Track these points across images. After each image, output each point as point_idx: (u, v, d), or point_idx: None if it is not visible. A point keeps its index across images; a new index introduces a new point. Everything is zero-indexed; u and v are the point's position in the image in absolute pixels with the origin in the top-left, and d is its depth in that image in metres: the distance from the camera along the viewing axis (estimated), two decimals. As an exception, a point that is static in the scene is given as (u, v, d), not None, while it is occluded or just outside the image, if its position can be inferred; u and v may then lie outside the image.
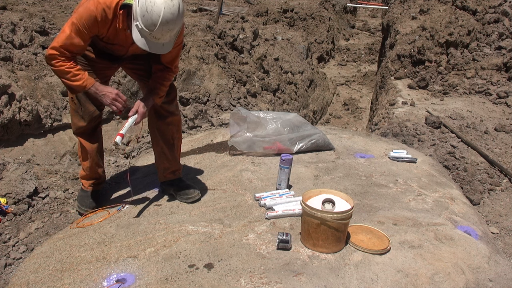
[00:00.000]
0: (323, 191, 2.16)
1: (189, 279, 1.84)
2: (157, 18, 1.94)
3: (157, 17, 1.94)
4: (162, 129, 2.51)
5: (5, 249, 2.36)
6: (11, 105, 3.26)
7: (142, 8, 1.95)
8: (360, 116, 7.58)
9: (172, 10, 1.96)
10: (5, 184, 2.73)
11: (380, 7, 13.81)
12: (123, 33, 2.18)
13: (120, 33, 2.18)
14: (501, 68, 5.11)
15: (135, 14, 1.99)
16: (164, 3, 1.94)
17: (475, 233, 2.30)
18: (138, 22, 1.98)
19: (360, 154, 3.31)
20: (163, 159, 2.58)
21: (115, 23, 2.12)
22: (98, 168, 2.64)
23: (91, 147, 2.54)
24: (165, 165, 2.59)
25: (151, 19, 1.95)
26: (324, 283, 1.82)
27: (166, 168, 2.59)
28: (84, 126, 2.48)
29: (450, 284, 1.86)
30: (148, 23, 1.96)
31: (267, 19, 9.28)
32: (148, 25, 1.97)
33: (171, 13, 1.96)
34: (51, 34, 4.65)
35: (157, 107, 2.43)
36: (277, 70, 6.52)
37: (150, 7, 1.93)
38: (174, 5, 1.97)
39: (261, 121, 3.14)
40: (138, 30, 2.01)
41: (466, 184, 3.49)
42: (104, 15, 2.06)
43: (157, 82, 2.36)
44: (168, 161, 2.58)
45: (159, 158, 2.60)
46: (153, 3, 1.93)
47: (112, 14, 2.08)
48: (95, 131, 2.57)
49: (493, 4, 5.94)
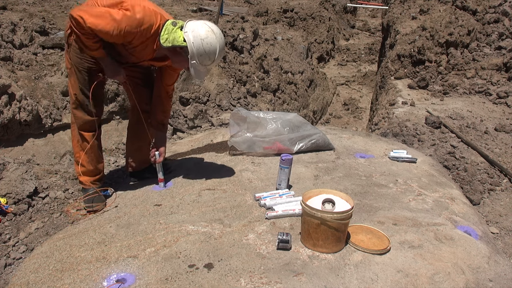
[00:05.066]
0: (323, 191, 2.15)
1: (189, 279, 1.84)
2: (213, 55, 2.28)
3: (213, 55, 2.28)
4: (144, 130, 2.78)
5: (5, 249, 2.36)
6: (11, 105, 3.26)
7: (199, 50, 2.24)
8: (360, 116, 7.58)
9: (222, 43, 2.30)
10: (5, 184, 2.73)
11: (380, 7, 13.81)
12: (150, 51, 2.37)
13: (147, 49, 2.37)
14: (501, 68, 5.11)
15: (193, 55, 2.26)
16: (217, 41, 2.26)
17: (475, 233, 2.30)
18: (196, 60, 2.28)
19: (360, 154, 3.31)
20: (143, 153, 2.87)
21: (151, 41, 2.31)
22: (99, 163, 2.70)
23: (95, 141, 2.63)
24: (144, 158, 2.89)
25: (209, 57, 2.28)
26: (324, 283, 1.82)
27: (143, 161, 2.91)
28: (91, 120, 2.58)
29: (450, 284, 1.86)
30: (205, 61, 2.29)
31: (267, 19, 9.28)
32: (205, 62, 2.30)
33: (223, 46, 2.31)
34: (51, 34, 4.65)
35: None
36: (277, 70, 6.52)
37: (208, 48, 2.24)
38: (222, 38, 2.30)
39: (261, 121, 3.14)
40: (194, 66, 2.30)
41: (466, 184, 3.49)
42: (146, 31, 2.24)
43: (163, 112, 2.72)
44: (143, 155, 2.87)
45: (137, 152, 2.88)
46: (210, 44, 2.24)
47: (153, 33, 2.27)
48: (99, 127, 2.67)
49: (493, 4, 5.94)
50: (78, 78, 2.48)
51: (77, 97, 2.52)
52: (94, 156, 2.65)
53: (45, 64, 4.09)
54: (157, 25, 2.26)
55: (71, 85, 2.53)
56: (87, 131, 2.60)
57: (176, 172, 2.99)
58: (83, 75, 2.47)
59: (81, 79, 2.48)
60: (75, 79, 2.49)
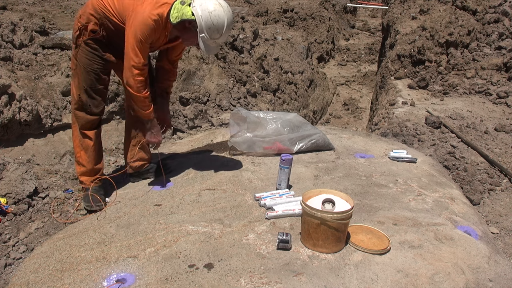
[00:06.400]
0: (323, 191, 2.15)
1: (189, 279, 1.84)
2: (222, 28, 2.29)
3: (222, 28, 2.29)
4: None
5: (5, 249, 2.36)
6: (11, 105, 3.26)
7: (207, 22, 2.26)
8: (360, 116, 7.58)
9: (230, 16, 2.30)
10: (5, 184, 2.73)
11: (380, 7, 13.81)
12: (163, 36, 2.44)
13: (161, 37, 2.43)
14: (501, 68, 5.11)
15: (201, 28, 2.28)
16: (225, 14, 2.27)
17: (475, 233, 2.30)
18: (204, 34, 2.29)
19: (360, 154, 3.31)
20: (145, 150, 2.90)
21: (165, 30, 2.38)
22: (98, 163, 2.72)
23: (96, 139, 2.67)
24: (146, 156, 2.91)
25: (217, 30, 2.29)
26: (324, 283, 1.82)
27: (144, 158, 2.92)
28: (93, 119, 2.62)
29: (450, 284, 1.86)
30: (214, 34, 2.30)
31: (267, 19, 9.27)
32: (214, 35, 2.30)
33: (231, 19, 2.32)
34: (51, 34, 4.65)
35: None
36: (277, 70, 6.52)
37: (216, 21, 2.26)
38: (230, 11, 2.31)
39: (261, 121, 3.14)
40: (204, 40, 2.32)
41: (466, 184, 3.49)
42: (159, 24, 2.31)
43: (168, 80, 2.77)
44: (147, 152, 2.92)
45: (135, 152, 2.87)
46: (217, 17, 2.25)
47: (164, 22, 2.33)
48: (100, 124, 2.72)
49: (493, 4, 5.94)
50: (84, 79, 2.50)
51: (81, 97, 2.54)
52: (94, 156, 2.67)
53: (45, 64, 4.09)
54: (166, 14, 2.32)
55: (75, 86, 2.55)
56: (89, 129, 2.64)
57: (176, 172, 2.99)
58: (91, 76, 2.50)
59: (88, 80, 2.51)
60: (79, 80, 2.52)
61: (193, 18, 2.28)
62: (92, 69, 2.48)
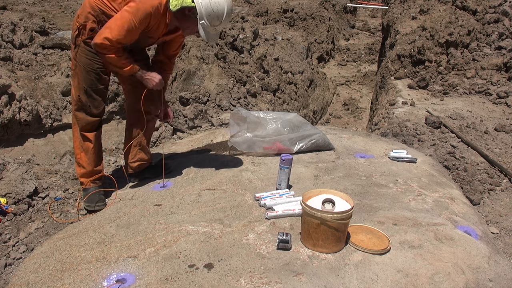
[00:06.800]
0: (323, 191, 2.15)
1: (189, 279, 1.84)
2: (222, 15, 2.28)
3: (222, 15, 2.28)
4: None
5: (5, 249, 2.36)
6: (11, 105, 3.26)
7: (207, 9, 2.25)
8: (360, 116, 7.57)
9: (230, 3, 2.30)
10: (5, 184, 2.73)
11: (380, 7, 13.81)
12: (163, 26, 2.43)
13: (160, 26, 2.42)
14: (501, 68, 5.11)
15: (201, 15, 2.27)
16: (225, 1, 2.27)
17: (475, 233, 2.30)
18: (204, 20, 2.28)
19: (360, 154, 3.31)
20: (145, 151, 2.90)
21: (164, 18, 2.37)
22: (98, 164, 2.72)
23: (96, 141, 2.67)
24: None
25: (217, 17, 2.28)
26: (324, 283, 1.82)
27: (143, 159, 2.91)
28: (93, 120, 2.61)
29: (450, 284, 1.86)
30: (214, 21, 2.29)
31: (267, 19, 9.27)
32: (214, 22, 2.30)
33: (231, 6, 2.31)
34: (51, 34, 4.65)
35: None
36: (277, 70, 6.52)
37: (216, 7, 2.25)
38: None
39: (261, 121, 3.14)
40: (204, 27, 2.31)
41: (466, 184, 3.49)
42: (158, 10, 2.30)
43: (165, 71, 2.73)
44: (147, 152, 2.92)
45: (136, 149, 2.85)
46: (217, 3, 2.25)
47: (163, 9, 2.33)
48: (100, 126, 2.71)
49: (493, 4, 5.94)
50: (84, 79, 2.50)
51: (81, 98, 2.53)
52: (94, 158, 2.67)
53: (45, 64, 4.09)
54: (165, 1, 2.32)
55: (74, 87, 2.55)
56: (89, 131, 2.63)
57: (176, 172, 2.99)
58: (91, 76, 2.50)
59: (88, 80, 2.50)
60: (79, 80, 2.51)
61: (193, 5, 2.28)
62: (92, 68, 2.48)
